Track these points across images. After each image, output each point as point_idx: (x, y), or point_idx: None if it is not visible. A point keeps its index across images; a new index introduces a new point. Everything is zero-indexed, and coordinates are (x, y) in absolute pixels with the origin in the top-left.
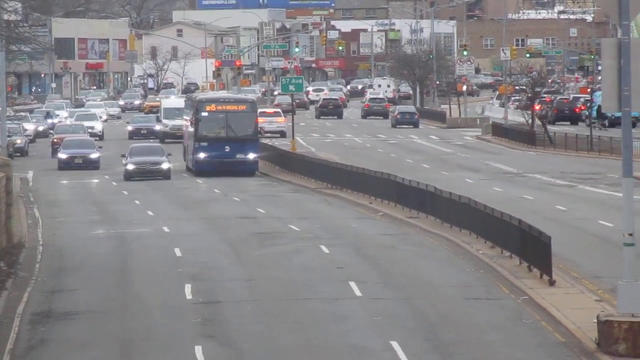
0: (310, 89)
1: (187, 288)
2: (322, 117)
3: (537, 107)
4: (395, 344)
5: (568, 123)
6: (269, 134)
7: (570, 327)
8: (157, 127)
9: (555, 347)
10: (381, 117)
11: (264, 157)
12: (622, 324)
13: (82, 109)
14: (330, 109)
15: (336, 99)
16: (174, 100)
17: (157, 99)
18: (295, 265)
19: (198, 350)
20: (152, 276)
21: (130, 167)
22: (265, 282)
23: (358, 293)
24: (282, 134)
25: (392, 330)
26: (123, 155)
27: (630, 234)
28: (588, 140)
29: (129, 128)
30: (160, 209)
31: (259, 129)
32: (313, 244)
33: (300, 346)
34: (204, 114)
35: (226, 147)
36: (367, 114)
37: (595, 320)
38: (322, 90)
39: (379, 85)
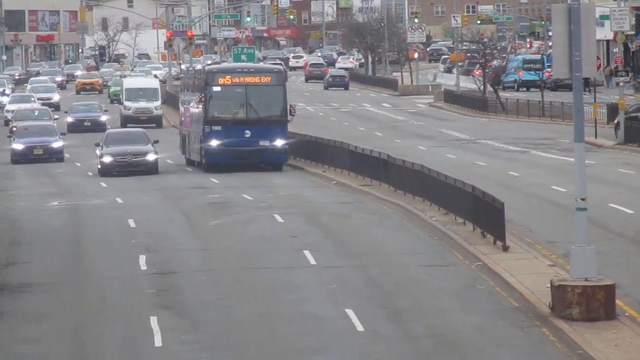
0: (290, 55)
1: (142, 259)
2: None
3: (477, 72)
4: (350, 312)
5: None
6: None
7: (524, 292)
8: (104, 118)
9: (510, 312)
10: (320, 81)
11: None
12: (576, 289)
13: (39, 78)
14: (317, 74)
15: (322, 64)
16: (138, 80)
17: (98, 74)
18: (249, 234)
19: (153, 320)
20: (106, 247)
21: (107, 159)
22: (220, 252)
23: (312, 262)
24: None
25: (347, 298)
26: (97, 145)
27: (583, 199)
28: (540, 106)
29: (69, 119)
30: (113, 180)
31: (289, 107)
32: (267, 214)
33: (255, 315)
34: (216, 88)
35: (246, 131)
36: (307, 78)
37: (549, 285)
38: (302, 57)
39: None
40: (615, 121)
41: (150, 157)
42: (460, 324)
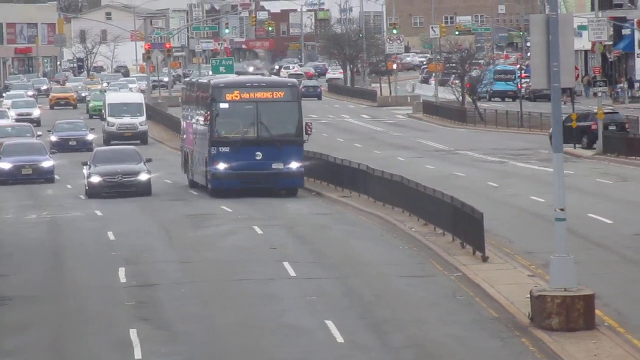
0: (277, 66)
1: (121, 271)
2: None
3: (453, 82)
4: (330, 323)
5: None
6: None
7: (503, 303)
8: (90, 137)
9: (489, 323)
10: None
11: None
12: (555, 299)
13: (17, 92)
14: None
15: (301, 74)
16: (122, 95)
17: (72, 89)
18: (229, 246)
19: (133, 333)
20: (85, 260)
21: (96, 179)
22: (199, 263)
23: (292, 273)
24: None
25: (327, 309)
26: (85, 164)
27: (562, 209)
28: (518, 117)
29: (52, 138)
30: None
31: (305, 125)
32: (246, 225)
33: (235, 327)
34: (224, 105)
35: (257, 153)
36: None
37: (529, 296)
38: (290, 68)
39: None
40: (550, 131)
41: (143, 176)
42: (440, 334)
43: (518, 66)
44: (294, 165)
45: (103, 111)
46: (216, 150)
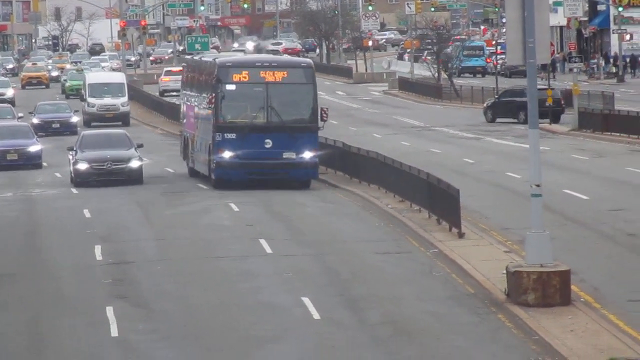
0: (267, 42)
1: (97, 249)
2: None
3: (425, 58)
4: (306, 300)
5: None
6: (174, 93)
7: (479, 279)
8: (74, 119)
9: (466, 299)
10: None
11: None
12: (531, 274)
13: None
14: None
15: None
16: (102, 74)
17: (44, 67)
18: (205, 224)
19: (109, 310)
20: (61, 238)
21: (83, 166)
22: (176, 241)
23: (269, 250)
24: None
25: (303, 286)
26: (70, 149)
27: (538, 185)
28: (494, 93)
29: (34, 120)
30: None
31: (320, 110)
32: (222, 202)
33: (211, 305)
34: (230, 87)
35: (266, 141)
36: None
37: (505, 272)
38: (281, 44)
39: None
40: (485, 104)
41: (134, 163)
42: (417, 311)
43: (485, 42)
44: (307, 154)
45: (82, 91)
46: (221, 137)
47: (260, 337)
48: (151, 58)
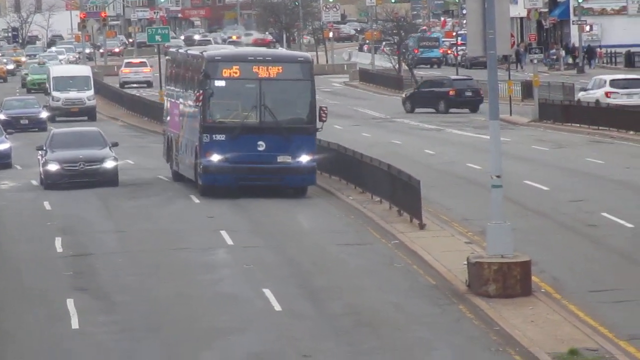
0: (240, 33)
1: (57, 241)
2: None
3: (384, 49)
4: (267, 292)
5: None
6: (135, 85)
7: (441, 270)
8: (43, 115)
9: (427, 290)
10: None
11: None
12: (492, 265)
13: None
14: None
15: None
16: (67, 67)
17: (3, 61)
18: (165, 215)
19: (70, 303)
20: (21, 230)
21: (53, 167)
22: (136, 233)
23: (230, 242)
24: (149, 84)
25: (265, 278)
26: (39, 148)
27: (498, 176)
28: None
29: (1, 117)
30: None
31: (318, 109)
32: (183, 194)
33: (172, 296)
34: (219, 83)
35: (259, 143)
36: None
37: (466, 263)
38: (251, 35)
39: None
40: (404, 94)
41: (109, 164)
42: (378, 302)
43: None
44: (304, 158)
45: (47, 85)
46: (209, 138)
47: (221, 328)
48: (101, 51)
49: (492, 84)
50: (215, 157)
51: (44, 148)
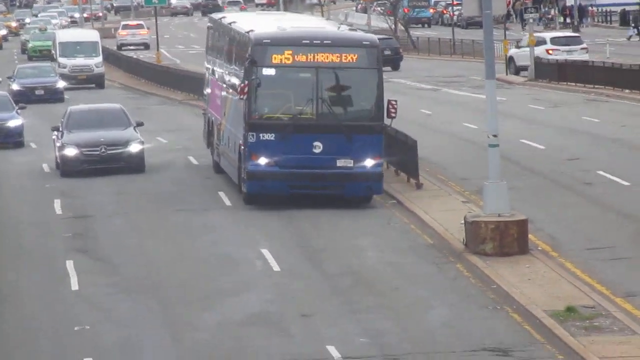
0: None
1: (57, 203)
2: None
3: (376, 8)
4: (266, 252)
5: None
6: (132, 47)
7: (438, 229)
8: (60, 84)
9: (424, 249)
10: None
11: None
12: (489, 224)
13: None
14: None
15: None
16: (74, 32)
17: None
18: (164, 177)
19: (69, 264)
20: (20, 192)
21: (71, 152)
22: (135, 195)
23: (228, 203)
24: (146, 46)
25: (263, 239)
26: (54, 129)
27: (495, 135)
28: (451, 44)
29: (14, 87)
30: (43, 140)
31: (387, 103)
32: (182, 156)
33: (172, 258)
34: (268, 71)
35: (315, 144)
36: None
37: (463, 222)
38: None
39: None
40: None
41: (134, 147)
42: (376, 262)
43: None
44: (369, 162)
45: (53, 51)
46: (255, 138)
47: (221, 289)
48: (85, 15)
49: (488, 43)
50: (263, 161)
51: (60, 128)
